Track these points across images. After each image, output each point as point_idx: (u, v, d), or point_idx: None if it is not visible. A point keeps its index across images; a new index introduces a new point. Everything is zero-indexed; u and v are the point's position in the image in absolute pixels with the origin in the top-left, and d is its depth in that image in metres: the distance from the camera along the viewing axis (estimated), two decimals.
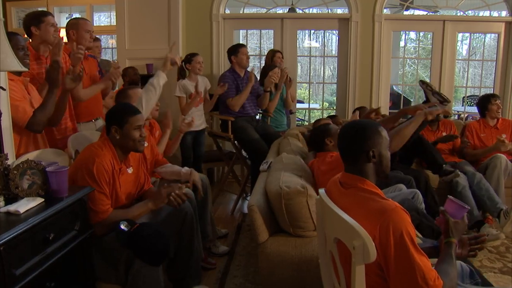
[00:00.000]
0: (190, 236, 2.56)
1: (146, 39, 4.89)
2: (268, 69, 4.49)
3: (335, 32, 5.60)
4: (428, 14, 5.85)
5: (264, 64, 4.84)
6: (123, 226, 2.18)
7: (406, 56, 8.00)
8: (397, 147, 2.73)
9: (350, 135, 1.69)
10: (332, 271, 1.70)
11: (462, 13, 5.44)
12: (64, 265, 1.94)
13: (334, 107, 5.77)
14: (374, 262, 1.41)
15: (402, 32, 6.72)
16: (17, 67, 1.98)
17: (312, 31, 7.29)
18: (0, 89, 2.06)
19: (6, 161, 1.89)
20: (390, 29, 5.33)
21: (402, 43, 7.43)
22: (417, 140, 3.68)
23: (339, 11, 6.26)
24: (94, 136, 2.94)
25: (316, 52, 8.89)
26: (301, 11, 5.73)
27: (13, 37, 2.45)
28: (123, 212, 2.35)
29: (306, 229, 2.37)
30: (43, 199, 1.89)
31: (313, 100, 9.97)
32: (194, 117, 3.98)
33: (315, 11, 6.49)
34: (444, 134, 4.31)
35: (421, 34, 7.86)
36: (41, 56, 2.98)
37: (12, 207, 1.75)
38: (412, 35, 8.92)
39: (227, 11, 5.48)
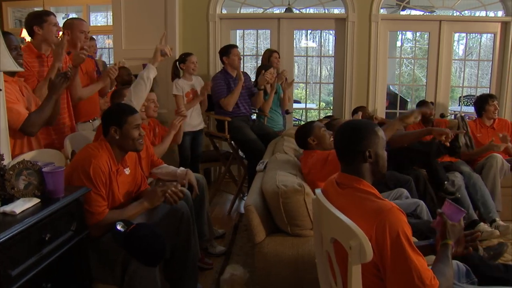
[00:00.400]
0: (187, 236, 2.56)
1: (143, 39, 4.88)
2: (263, 69, 4.50)
3: (332, 32, 5.61)
4: (425, 14, 5.87)
5: (260, 64, 4.84)
6: (120, 227, 2.17)
7: (403, 56, 7.99)
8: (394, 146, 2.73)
9: (347, 135, 1.69)
10: (329, 271, 1.71)
11: (458, 13, 5.46)
12: (61, 266, 1.93)
13: (331, 107, 5.78)
14: (371, 262, 1.41)
15: (399, 32, 6.72)
16: (13, 67, 1.98)
17: (309, 31, 7.30)
18: None
19: (2, 162, 1.89)
20: (387, 29, 5.34)
21: (399, 43, 7.42)
22: (425, 156, 3.68)
23: (336, 11, 6.28)
24: (92, 136, 2.94)
25: (313, 52, 8.92)
26: (298, 11, 5.74)
27: (6, 37, 2.44)
28: (119, 213, 2.35)
29: (304, 228, 2.37)
30: (39, 200, 1.88)
31: (310, 100, 9.98)
32: (192, 117, 3.98)
33: (312, 11, 6.49)
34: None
35: (418, 34, 7.86)
36: (43, 55, 2.99)
37: (8, 208, 1.74)
38: (409, 35, 8.94)
39: (224, 11, 5.48)
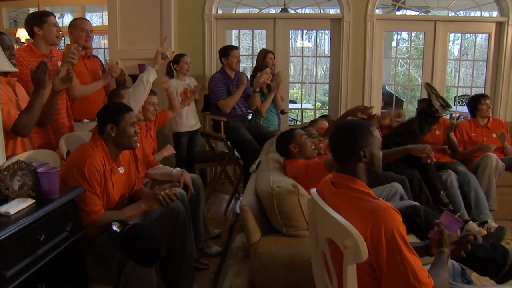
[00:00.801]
0: (183, 237, 2.56)
1: (138, 39, 4.88)
2: (259, 69, 4.50)
3: (328, 32, 5.61)
4: (420, 14, 5.88)
5: (256, 64, 4.84)
6: (115, 227, 2.17)
7: (398, 56, 8.02)
8: None
9: (342, 135, 1.69)
10: (324, 271, 1.71)
11: (454, 14, 5.48)
12: (56, 267, 1.93)
13: (327, 107, 5.78)
14: (366, 262, 1.41)
15: (394, 32, 6.74)
16: (8, 68, 1.97)
17: (305, 31, 7.32)
18: None
19: None
20: (382, 29, 5.35)
21: (394, 43, 7.45)
22: (412, 135, 3.66)
23: (331, 11, 6.28)
24: (87, 137, 2.93)
25: (309, 52, 8.94)
26: (294, 11, 5.74)
27: None
28: (116, 214, 2.34)
29: (299, 228, 2.37)
30: (34, 200, 1.88)
31: (306, 100, 9.99)
32: (188, 117, 3.99)
33: (307, 11, 6.50)
34: (438, 132, 4.35)
35: (413, 34, 7.89)
36: (43, 56, 2.98)
37: (3, 209, 1.73)
38: (404, 35, 8.97)
39: (220, 11, 5.48)
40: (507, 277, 2.24)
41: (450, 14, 5.48)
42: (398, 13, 5.80)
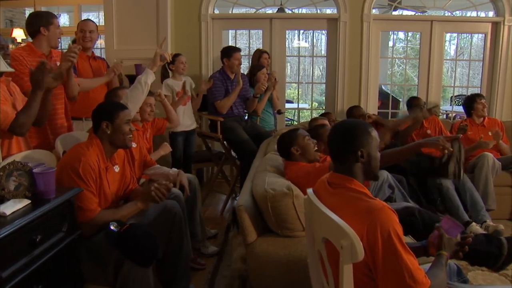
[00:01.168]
0: (179, 237, 2.56)
1: (135, 40, 4.87)
2: (256, 69, 4.50)
3: (324, 32, 5.62)
4: (416, 14, 5.90)
5: (251, 64, 4.84)
6: (113, 227, 2.17)
7: (395, 56, 8.06)
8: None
9: (340, 135, 1.69)
10: (321, 271, 1.71)
11: (450, 14, 5.49)
12: (52, 267, 1.93)
13: (323, 107, 5.78)
14: (362, 262, 1.41)
15: (391, 32, 6.77)
16: (4, 68, 1.96)
17: (301, 31, 7.30)
18: None
19: None
20: (379, 29, 5.36)
21: (391, 43, 7.49)
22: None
23: (328, 11, 6.29)
24: (84, 137, 2.92)
25: (305, 52, 8.93)
26: (290, 11, 5.74)
27: None
28: (112, 213, 2.35)
29: (294, 230, 2.37)
30: (30, 201, 1.87)
31: (303, 100, 9.99)
32: (185, 117, 3.99)
33: (304, 11, 6.50)
34: (429, 132, 4.35)
35: (410, 34, 7.90)
36: (42, 55, 2.98)
37: None
38: (401, 35, 9.00)
39: (216, 11, 5.48)
40: (504, 265, 2.32)
41: (446, 14, 5.50)
42: (395, 13, 5.82)
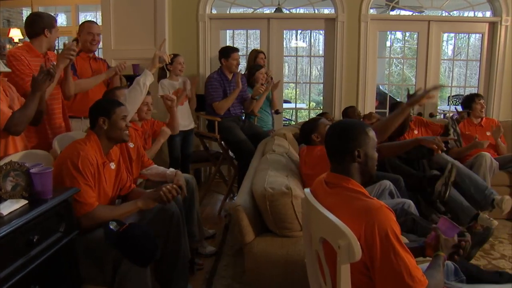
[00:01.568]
0: (177, 237, 2.55)
1: (132, 40, 4.86)
2: (254, 69, 4.50)
3: (322, 32, 5.62)
4: (414, 15, 5.90)
5: (247, 64, 4.84)
6: (112, 226, 2.17)
7: (392, 56, 8.05)
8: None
9: (337, 135, 1.70)
10: (318, 271, 1.71)
11: (447, 14, 5.50)
12: (49, 267, 1.92)
13: (321, 107, 5.79)
14: (360, 261, 1.41)
15: (388, 32, 6.76)
16: (1, 68, 1.96)
17: (299, 31, 7.32)
18: None
19: None
20: (376, 29, 5.36)
21: (388, 43, 7.49)
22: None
23: (326, 11, 6.29)
24: (81, 137, 2.92)
25: (303, 52, 8.93)
26: (288, 11, 5.74)
27: None
28: (110, 209, 2.36)
29: (292, 230, 2.37)
30: (27, 201, 1.87)
31: (300, 100, 10.00)
32: (182, 117, 3.98)
33: (302, 11, 6.51)
34: (416, 132, 4.35)
35: (407, 34, 7.92)
36: (40, 55, 3.00)
37: None
38: (398, 35, 9.00)
39: (214, 11, 5.47)
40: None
41: (444, 14, 5.51)
42: (392, 13, 5.82)
